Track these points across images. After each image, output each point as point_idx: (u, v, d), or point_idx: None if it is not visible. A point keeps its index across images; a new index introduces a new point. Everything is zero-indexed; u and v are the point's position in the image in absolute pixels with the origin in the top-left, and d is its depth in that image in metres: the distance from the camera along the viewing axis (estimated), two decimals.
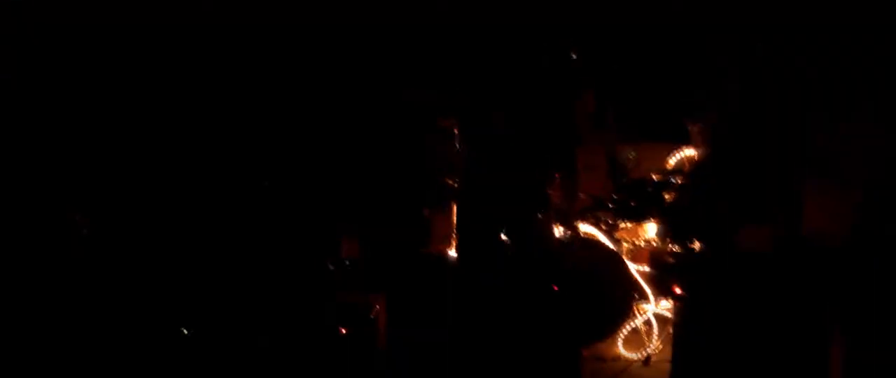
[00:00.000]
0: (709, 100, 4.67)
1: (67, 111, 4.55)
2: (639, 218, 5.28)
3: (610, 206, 5.43)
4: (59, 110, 4.53)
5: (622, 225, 5.31)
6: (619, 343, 5.16)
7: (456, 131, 5.20)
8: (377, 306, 4.67)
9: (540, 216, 4.52)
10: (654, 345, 5.13)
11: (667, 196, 5.16)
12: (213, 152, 4.81)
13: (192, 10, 4.59)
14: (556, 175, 4.61)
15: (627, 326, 5.16)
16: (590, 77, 4.80)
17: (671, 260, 4.88)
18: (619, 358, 5.10)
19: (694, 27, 4.69)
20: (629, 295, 5.17)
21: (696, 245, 4.46)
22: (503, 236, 4.68)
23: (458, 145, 5.19)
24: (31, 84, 4.47)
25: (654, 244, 5.26)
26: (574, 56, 4.68)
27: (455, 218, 5.30)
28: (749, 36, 4.28)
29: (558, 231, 4.98)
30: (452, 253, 5.22)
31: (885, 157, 4.07)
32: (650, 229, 5.26)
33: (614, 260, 5.22)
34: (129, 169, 4.64)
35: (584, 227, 5.30)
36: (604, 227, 5.36)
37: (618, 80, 5.39)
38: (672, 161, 5.48)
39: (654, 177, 5.26)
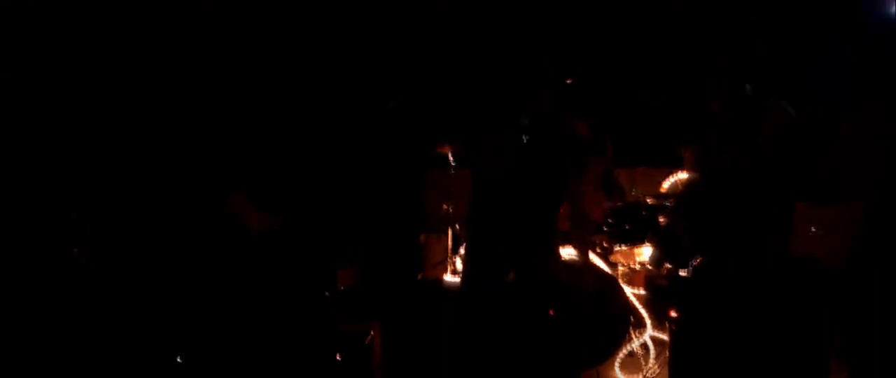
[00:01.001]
0: (705, 110, 4.66)
1: (67, 111, 4.53)
2: (634, 241, 5.28)
3: (605, 229, 5.43)
4: (59, 110, 4.51)
5: (617, 248, 5.31)
6: (616, 367, 5.15)
7: (451, 157, 5.22)
8: (373, 333, 4.66)
9: (546, 240, 4.51)
10: (651, 368, 5.12)
11: (661, 219, 5.16)
12: (210, 174, 4.80)
13: (192, 11, 4.59)
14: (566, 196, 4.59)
15: (624, 350, 5.16)
16: (585, 96, 4.81)
17: (666, 283, 4.88)
18: None
19: (692, 27, 4.71)
20: (625, 318, 5.17)
21: (685, 267, 4.46)
22: (508, 260, 4.68)
23: (453, 171, 5.20)
24: (31, 84, 4.46)
25: (650, 267, 5.26)
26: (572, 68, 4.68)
27: (450, 242, 5.31)
28: (749, 36, 4.29)
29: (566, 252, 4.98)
30: (448, 278, 5.22)
31: (886, 171, 4.07)
32: (645, 252, 5.26)
33: (610, 283, 5.22)
34: (128, 170, 4.62)
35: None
36: (599, 250, 5.37)
37: (614, 102, 5.40)
38: (666, 185, 5.50)
39: (648, 200, 5.27)
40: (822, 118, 4.19)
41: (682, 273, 4.59)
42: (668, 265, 5.00)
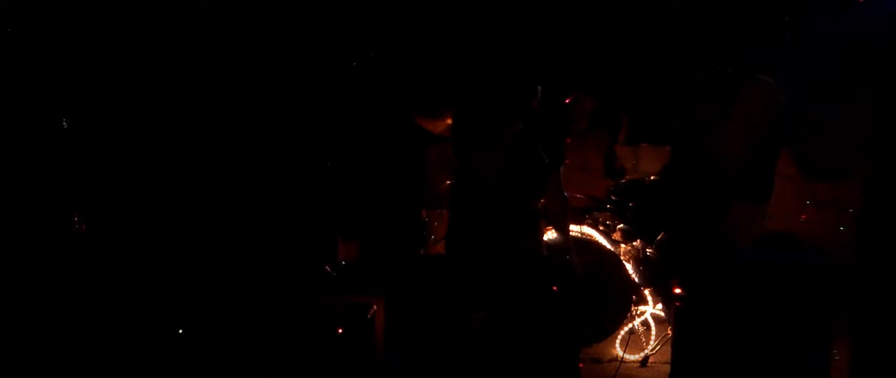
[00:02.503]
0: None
1: (67, 111, 4.52)
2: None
3: (607, 207, 5.43)
4: (59, 110, 4.50)
5: (620, 226, 5.31)
6: (617, 344, 5.16)
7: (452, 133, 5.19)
8: (375, 307, 4.65)
9: (535, 217, 4.50)
10: (652, 346, 5.13)
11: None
12: (210, 152, 4.79)
13: (192, 11, 4.57)
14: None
15: (625, 327, 5.16)
16: (590, 77, 4.81)
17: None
18: (616, 359, 5.09)
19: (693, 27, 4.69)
20: (627, 296, 5.18)
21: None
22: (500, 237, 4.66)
23: (454, 143, 5.18)
24: (32, 84, 4.45)
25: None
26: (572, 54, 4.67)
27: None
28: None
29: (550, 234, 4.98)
30: None
31: (883, 158, 4.07)
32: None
33: (612, 261, 5.22)
34: (127, 169, 4.62)
35: (583, 228, 5.31)
36: (602, 227, 5.37)
37: (618, 80, 5.40)
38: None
39: (651, 178, 5.26)
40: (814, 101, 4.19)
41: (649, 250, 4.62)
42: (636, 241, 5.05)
